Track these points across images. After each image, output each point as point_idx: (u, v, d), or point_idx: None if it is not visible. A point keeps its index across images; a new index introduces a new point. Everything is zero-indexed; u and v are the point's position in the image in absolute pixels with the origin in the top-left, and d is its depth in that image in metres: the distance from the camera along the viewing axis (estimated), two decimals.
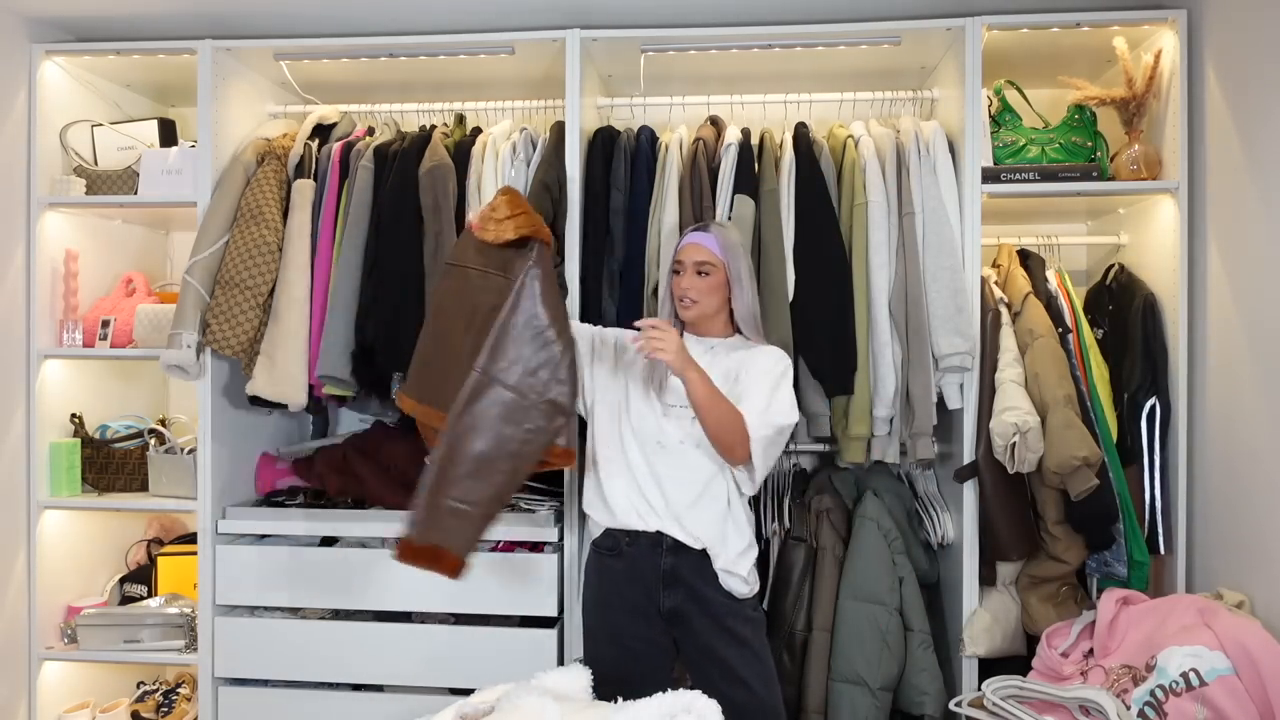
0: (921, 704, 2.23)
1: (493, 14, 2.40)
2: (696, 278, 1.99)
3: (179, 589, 2.60)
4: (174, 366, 2.30)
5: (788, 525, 2.44)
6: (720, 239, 2.01)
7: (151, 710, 2.63)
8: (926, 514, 2.43)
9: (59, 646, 2.53)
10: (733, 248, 2.02)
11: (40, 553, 2.49)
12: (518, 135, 2.41)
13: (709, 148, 2.35)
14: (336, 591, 2.36)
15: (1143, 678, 1.80)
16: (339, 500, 2.50)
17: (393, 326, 2.26)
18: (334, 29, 2.50)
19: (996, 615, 2.27)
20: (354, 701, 2.38)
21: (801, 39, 2.34)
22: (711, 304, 2.00)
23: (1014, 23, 2.26)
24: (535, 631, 2.29)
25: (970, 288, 2.25)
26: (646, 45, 2.36)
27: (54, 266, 2.55)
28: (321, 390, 2.35)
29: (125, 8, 2.41)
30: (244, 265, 2.30)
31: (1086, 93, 2.30)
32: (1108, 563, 2.22)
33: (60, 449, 2.52)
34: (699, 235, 2.03)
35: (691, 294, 1.99)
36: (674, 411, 1.98)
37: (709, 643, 1.93)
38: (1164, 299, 2.28)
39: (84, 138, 2.60)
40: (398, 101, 2.67)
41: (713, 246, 2.00)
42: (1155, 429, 2.23)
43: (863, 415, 2.25)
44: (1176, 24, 2.23)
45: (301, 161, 2.44)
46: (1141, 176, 2.26)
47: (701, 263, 1.99)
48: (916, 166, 2.28)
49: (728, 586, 1.94)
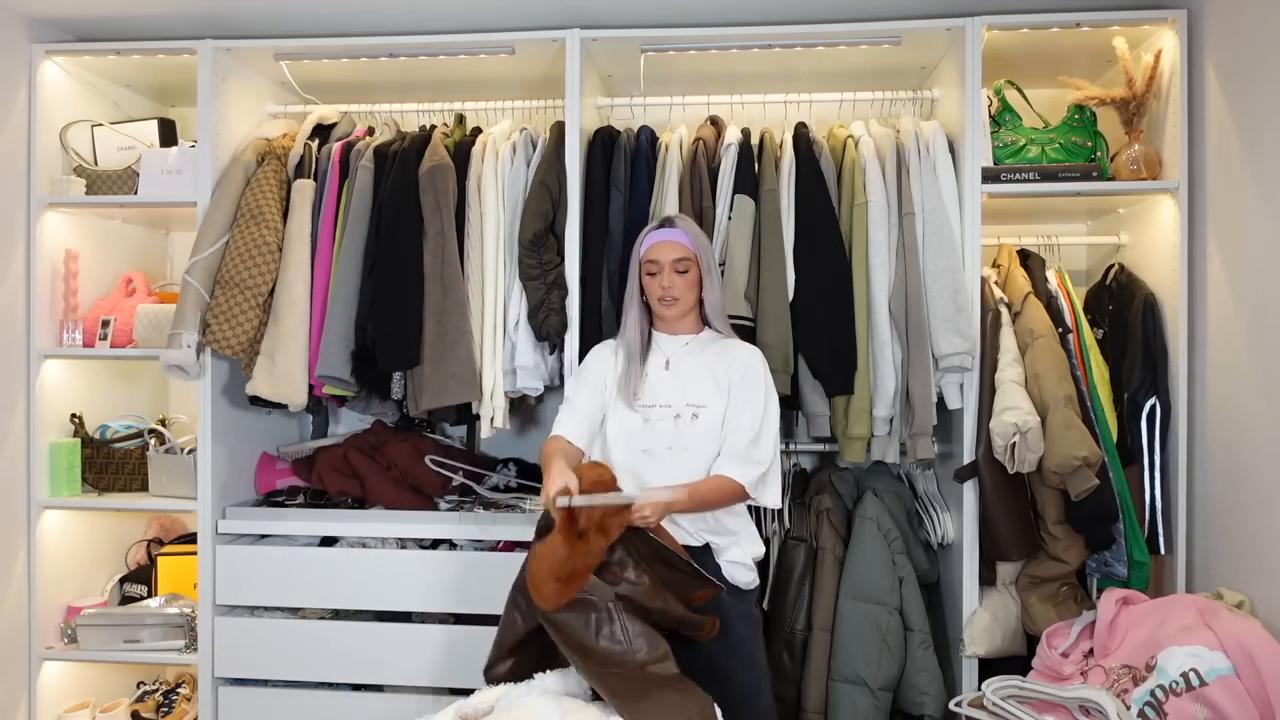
0: (921, 704, 2.23)
1: (493, 14, 2.40)
2: (676, 275, 1.97)
3: (179, 589, 2.60)
4: (174, 366, 2.30)
5: (788, 525, 2.44)
6: (689, 232, 2.00)
7: (151, 710, 2.63)
8: (926, 514, 2.43)
9: (59, 646, 2.53)
10: (701, 239, 2.02)
11: (40, 553, 2.49)
12: (518, 135, 2.41)
13: (709, 148, 2.35)
14: (336, 591, 2.36)
15: (1143, 678, 1.80)
16: (339, 500, 2.50)
17: (393, 326, 2.26)
18: (334, 29, 2.50)
19: (996, 615, 2.27)
20: (354, 701, 2.38)
21: (801, 39, 2.34)
22: (690, 299, 2.00)
23: (1014, 23, 2.26)
24: None
25: (970, 288, 2.25)
26: (646, 45, 2.36)
27: (54, 266, 2.55)
28: (321, 390, 2.35)
29: (125, 8, 2.41)
30: (244, 265, 2.30)
31: (1086, 93, 2.30)
32: (1108, 563, 2.22)
33: (60, 449, 2.52)
34: (669, 232, 2.00)
35: (674, 291, 1.97)
36: (653, 415, 1.95)
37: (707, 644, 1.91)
38: (1164, 299, 2.28)
39: (84, 138, 2.60)
40: (398, 101, 2.67)
41: (685, 241, 1.98)
42: (1155, 429, 2.23)
43: (862, 415, 2.25)
44: (1176, 24, 2.23)
45: (301, 161, 2.44)
46: (1141, 176, 2.26)
47: (679, 259, 1.97)
48: (916, 166, 2.28)
49: (731, 577, 1.92)
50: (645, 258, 2.01)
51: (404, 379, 2.34)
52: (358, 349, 2.31)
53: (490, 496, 2.50)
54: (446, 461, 2.51)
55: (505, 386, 2.30)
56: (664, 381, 1.99)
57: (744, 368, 1.97)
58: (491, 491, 2.53)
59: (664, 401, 1.95)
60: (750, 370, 1.97)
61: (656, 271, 1.99)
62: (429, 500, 2.48)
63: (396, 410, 2.53)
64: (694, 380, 1.97)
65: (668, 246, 1.98)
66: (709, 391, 1.95)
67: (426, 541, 2.41)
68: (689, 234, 2.00)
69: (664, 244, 1.99)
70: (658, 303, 2.00)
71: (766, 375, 1.99)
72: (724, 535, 1.94)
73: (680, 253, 1.98)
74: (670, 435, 1.93)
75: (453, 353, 2.24)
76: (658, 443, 1.94)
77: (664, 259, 1.98)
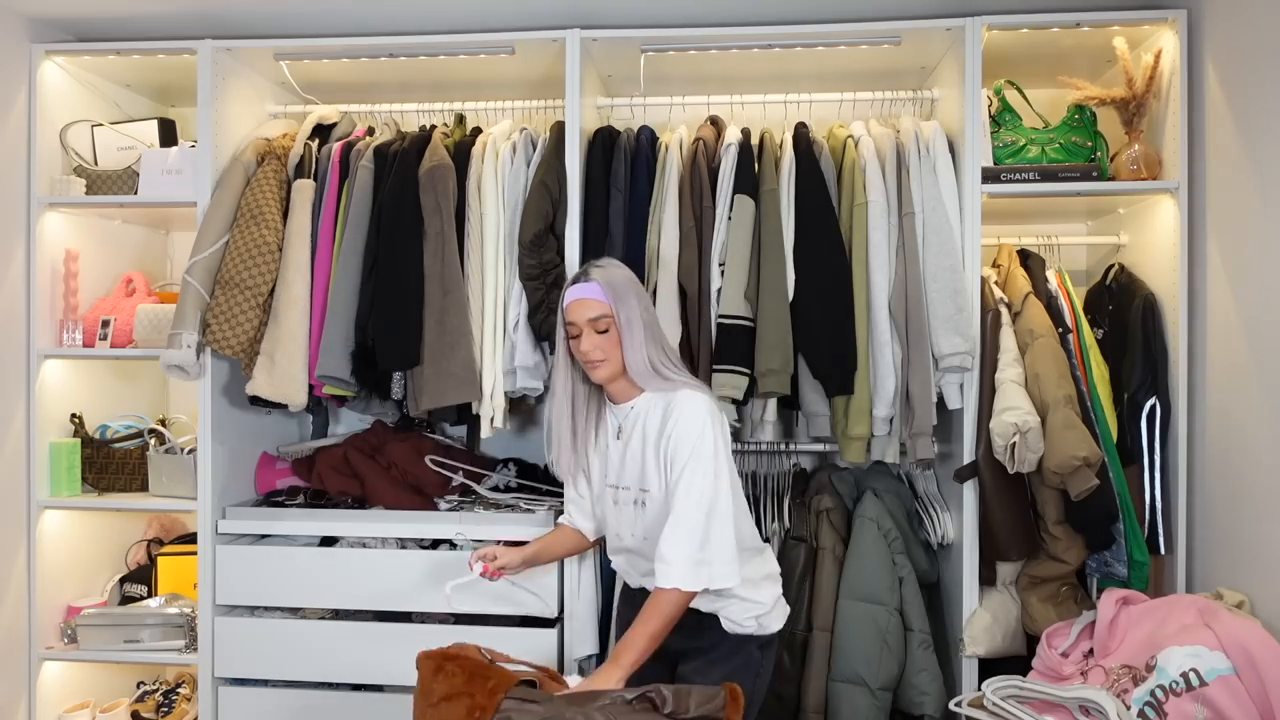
0: (921, 704, 2.23)
1: (493, 14, 2.40)
2: (596, 336, 1.80)
3: (179, 589, 2.60)
4: (174, 366, 2.30)
5: (788, 525, 2.44)
6: (605, 283, 1.80)
7: (151, 710, 2.64)
8: (926, 514, 2.43)
9: (59, 646, 2.53)
10: (619, 288, 1.80)
11: (40, 553, 2.49)
12: (518, 135, 2.41)
13: (709, 148, 2.35)
14: (336, 591, 2.36)
15: (1143, 678, 1.80)
16: (339, 500, 2.50)
17: (393, 326, 2.26)
18: (334, 29, 2.50)
19: (996, 615, 2.27)
20: (354, 701, 2.38)
21: (801, 39, 2.34)
22: (619, 357, 1.81)
23: (1014, 23, 2.26)
24: (535, 631, 2.29)
25: (970, 288, 2.25)
26: (646, 45, 2.36)
27: (54, 266, 2.55)
28: (321, 390, 2.35)
29: (125, 8, 2.41)
30: (244, 265, 2.30)
31: (1086, 93, 2.30)
32: (1108, 563, 2.22)
33: (60, 449, 2.52)
34: (581, 288, 1.81)
35: (596, 354, 1.79)
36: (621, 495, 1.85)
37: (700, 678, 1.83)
38: (1164, 299, 2.28)
39: (84, 138, 2.60)
40: (398, 101, 2.67)
41: (600, 296, 1.79)
42: (1155, 429, 2.23)
43: (862, 415, 2.25)
44: (1176, 24, 2.23)
45: (301, 161, 2.44)
46: (1141, 176, 2.26)
47: (596, 319, 1.79)
48: (916, 166, 2.28)
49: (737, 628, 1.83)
50: (565, 319, 1.84)
51: (404, 379, 2.34)
52: (358, 349, 2.31)
53: (490, 496, 2.50)
54: (446, 461, 2.51)
55: (505, 386, 2.30)
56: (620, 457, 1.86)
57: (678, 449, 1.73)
58: (491, 491, 2.52)
59: (623, 484, 1.83)
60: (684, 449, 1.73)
61: (576, 334, 1.82)
62: (429, 500, 2.48)
63: (396, 410, 2.52)
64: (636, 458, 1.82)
65: (581, 306, 1.80)
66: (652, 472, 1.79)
67: (426, 541, 2.41)
68: (604, 285, 1.80)
69: (577, 303, 1.81)
70: (586, 367, 1.83)
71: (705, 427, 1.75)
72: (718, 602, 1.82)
73: (596, 310, 1.79)
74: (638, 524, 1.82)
75: (453, 353, 2.24)
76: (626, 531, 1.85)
77: (580, 320, 1.80)
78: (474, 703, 1.53)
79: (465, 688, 1.56)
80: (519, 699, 1.53)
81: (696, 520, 1.71)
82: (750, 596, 1.83)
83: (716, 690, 1.55)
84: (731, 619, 1.84)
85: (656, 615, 1.69)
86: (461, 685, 1.56)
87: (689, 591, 1.70)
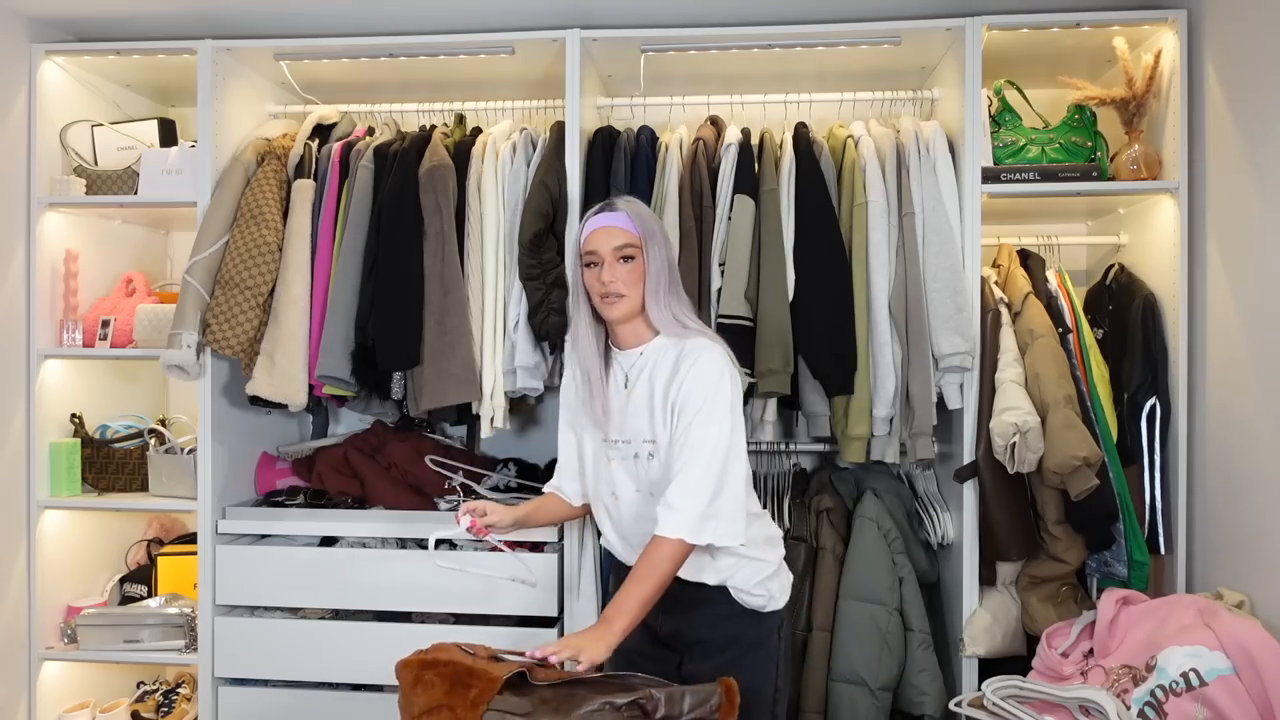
0: (921, 704, 2.23)
1: (493, 14, 2.40)
2: (621, 267, 1.68)
3: (179, 589, 2.60)
4: (174, 366, 2.30)
5: (788, 525, 2.44)
6: (635, 214, 1.71)
7: (151, 710, 2.64)
8: (926, 514, 2.43)
9: (59, 646, 2.53)
10: (651, 223, 1.71)
11: (40, 553, 2.49)
12: (518, 135, 2.41)
13: (709, 148, 2.35)
14: (336, 591, 2.36)
15: (1143, 678, 1.80)
16: (339, 500, 2.50)
17: (393, 326, 2.26)
18: (334, 29, 2.50)
19: (996, 615, 2.27)
20: (354, 701, 2.38)
21: (801, 39, 2.34)
22: (639, 295, 1.70)
23: (1014, 23, 2.26)
24: (535, 630, 2.29)
25: (970, 288, 2.25)
26: (646, 45, 2.36)
27: (54, 266, 2.55)
28: (321, 390, 2.35)
29: (125, 8, 2.41)
30: (244, 265, 2.30)
31: (1086, 93, 2.30)
32: (1108, 563, 2.22)
33: (60, 449, 2.52)
34: (609, 216, 1.70)
35: (617, 286, 1.67)
36: (616, 452, 1.74)
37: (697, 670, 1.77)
38: (1164, 299, 2.28)
39: (84, 138, 2.60)
40: (398, 101, 2.67)
41: (629, 225, 1.68)
42: (1155, 429, 2.23)
43: (862, 415, 2.25)
44: (1176, 24, 2.23)
45: (301, 161, 2.44)
46: (1141, 176, 2.26)
47: (622, 246, 1.67)
48: (916, 166, 2.28)
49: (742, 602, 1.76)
50: (585, 247, 1.72)
51: (404, 379, 2.34)
52: (358, 349, 2.31)
53: (490, 496, 2.50)
54: (446, 461, 2.51)
55: (505, 386, 2.30)
56: (621, 407, 1.74)
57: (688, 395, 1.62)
58: (491, 491, 2.52)
59: (624, 437, 1.71)
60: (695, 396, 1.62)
61: (596, 263, 1.70)
62: (429, 500, 2.48)
63: (396, 410, 2.52)
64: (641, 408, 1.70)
65: (606, 233, 1.69)
66: (660, 422, 1.68)
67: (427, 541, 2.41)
68: (634, 216, 1.70)
69: (603, 230, 1.69)
70: (600, 301, 1.71)
71: (722, 377, 1.65)
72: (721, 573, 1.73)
73: (622, 239, 1.68)
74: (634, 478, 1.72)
75: (453, 353, 2.24)
76: (623, 489, 1.73)
77: (604, 248, 1.68)
78: (455, 716, 1.49)
79: (445, 700, 1.51)
80: (501, 710, 1.49)
81: (709, 471, 1.60)
82: (758, 556, 1.74)
83: (712, 688, 1.51)
84: (741, 587, 1.73)
85: (653, 573, 1.57)
86: (441, 697, 1.52)
87: (690, 544, 1.59)
